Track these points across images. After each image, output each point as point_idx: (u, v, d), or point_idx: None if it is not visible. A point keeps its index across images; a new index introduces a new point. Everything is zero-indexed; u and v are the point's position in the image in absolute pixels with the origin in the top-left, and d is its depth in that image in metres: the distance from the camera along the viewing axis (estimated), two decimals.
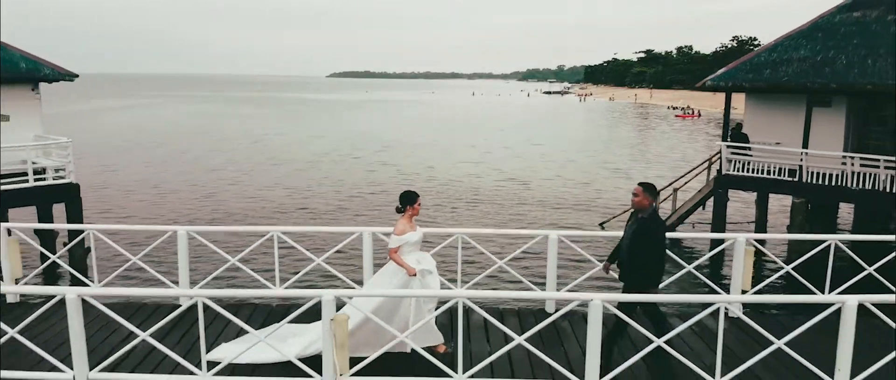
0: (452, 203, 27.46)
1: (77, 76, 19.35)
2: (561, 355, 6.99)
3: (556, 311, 7.20)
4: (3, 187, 16.31)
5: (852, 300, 5.93)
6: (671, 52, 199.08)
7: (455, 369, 6.20)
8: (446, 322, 7.81)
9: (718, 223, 20.18)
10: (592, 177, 35.44)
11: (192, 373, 6.17)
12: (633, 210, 6.79)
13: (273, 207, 26.19)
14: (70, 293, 5.99)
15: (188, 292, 6.15)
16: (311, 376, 6.06)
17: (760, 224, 20.82)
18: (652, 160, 43.01)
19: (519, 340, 6.16)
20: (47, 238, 16.39)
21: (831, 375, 6.04)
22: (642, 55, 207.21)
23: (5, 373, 6.30)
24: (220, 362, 6.31)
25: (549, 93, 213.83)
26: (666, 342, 6.17)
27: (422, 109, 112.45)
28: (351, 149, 47.56)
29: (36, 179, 17.05)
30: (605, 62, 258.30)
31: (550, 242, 8.39)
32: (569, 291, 8.60)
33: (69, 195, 17.46)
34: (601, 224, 23.64)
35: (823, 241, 8.57)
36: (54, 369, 6.25)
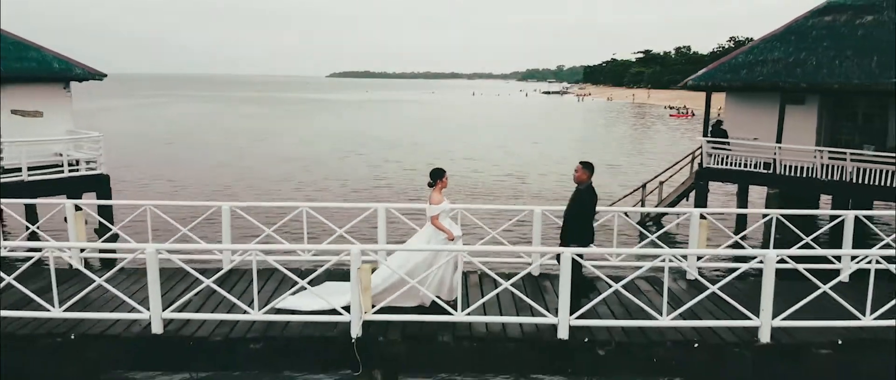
0: (453, 196, 28.94)
1: (105, 76, 20.89)
2: (541, 302, 8.51)
3: (539, 274, 8.73)
4: (40, 177, 17.84)
5: (772, 254, 7.47)
6: (669, 52, 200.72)
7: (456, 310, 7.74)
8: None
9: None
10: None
11: (245, 313, 7.69)
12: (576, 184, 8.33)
13: (290, 195, 27.76)
14: (149, 248, 7.51)
15: (242, 246, 7.68)
16: (341, 315, 7.57)
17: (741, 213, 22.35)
18: (645, 156, 44.54)
19: (505, 284, 7.71)
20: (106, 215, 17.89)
21: (757, 314, 7.58)
22: (641, 56, 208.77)
23: (95, 315, 7.82)
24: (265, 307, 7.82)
25: (548, 93, 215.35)
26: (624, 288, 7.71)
27: (422, 108, 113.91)
28: (355, 146, 49.09)
29: (70, 171, 18.58)
30: (603, 62, 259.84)
31: (535, 215, 9.92)
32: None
33: (100, 185, 18.98)
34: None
35: (767, 214, 10.10)
36: (133, 310, 7.77)
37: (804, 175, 19.86)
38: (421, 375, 8.71)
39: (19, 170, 17.68)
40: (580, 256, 7.73)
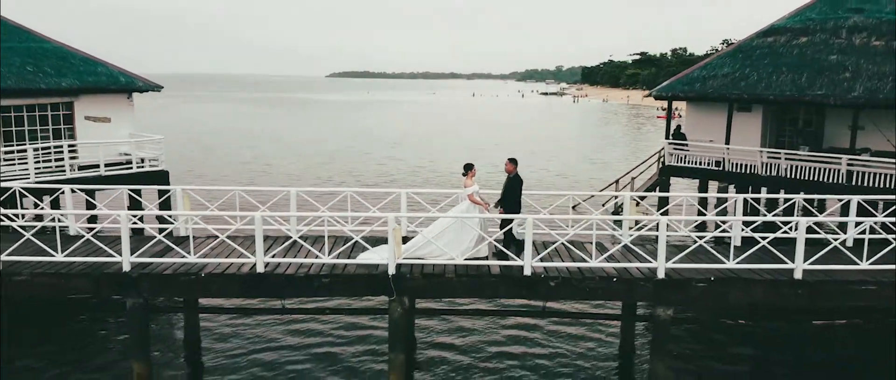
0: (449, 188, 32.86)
1: (162, 87, 24.77)
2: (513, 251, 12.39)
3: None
4: (114, 172, 21.70)
5: (663, 220, 11.35)
6: (666, 54, 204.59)
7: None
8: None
9: (662, 202, 25.55)
10: (573, 170, 40.92)
11: (317, 258, 11.57)
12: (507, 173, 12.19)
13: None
14: (257, 215, 11.39)
15: (314, 214, 11.60)
16: (382, 261, 11.43)
17: (702, 204, 26.21)
18: (628, 154, 48.45)
19: (489, 239, 11.61)
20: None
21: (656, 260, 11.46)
22: (637, 57, 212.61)
23: (217, 260, 11.69)
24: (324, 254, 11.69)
25: (545, 94, 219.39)
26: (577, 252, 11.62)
27: (425, 109, 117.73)
28: (362, 146, 53.00)
29: (137, 167, 22.45)
30: (601, 64, 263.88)
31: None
32: None
33: (161, 179, 22.81)
34: (573, 207, 29.00)
35: (679, 196, 14.01)
36: (242, 255, 11.65)
37: (748, 172, 23.75)
38: (433, 298, 12.59)
39: (97, 166, 21.57)
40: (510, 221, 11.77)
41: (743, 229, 13.21)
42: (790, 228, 12.87)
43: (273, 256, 11.76)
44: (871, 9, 24.09)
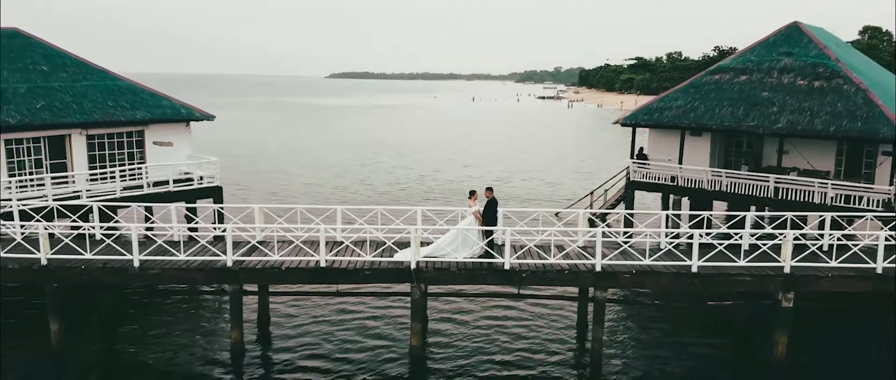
0: (452, 197, 38.11)
1: (214, 117, 29.96)
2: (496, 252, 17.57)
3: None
4: (180, 188, 26.86)
5: (599, 231, 16.54)
6: (661, 57, 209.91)
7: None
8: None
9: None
10: (560, 178, 46.14)
11: (361, 255, 16.75)
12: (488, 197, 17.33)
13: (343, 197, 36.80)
14: (322, 226, 16.56)
15: (361, 226, 16.81)
16: (407, 259, 16.57)
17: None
18: (619, 162, 53.64)
19: (481, 244, 16.84)
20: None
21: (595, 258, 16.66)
22: (632, 62, 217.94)
23: (292, 258, 16.87)
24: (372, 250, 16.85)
25: (542, 97, 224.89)
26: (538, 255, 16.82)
27: (427, 116, 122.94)
28: (372, 155, 58.20)
29: (197, 183, 27.58)
30: (598, 67, 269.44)
31: (500, 214, 18.96)
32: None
33: (217, 193, 27.93)
34: (556, 213, 34.23)
35: (618, 212, 19.18)
36: (308, 254, 16.82)
37: (697, 187, 28.93)
38: (442, 284, 17.75)
39: (165, 182, 26.74)
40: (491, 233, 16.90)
41: (666, 235, 18.44)
42: (690, 236, 18.04)
43: (329, 255, 16.94)
44: (799, 52, 29.29)
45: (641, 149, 31.68)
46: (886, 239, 17.02)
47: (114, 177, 25.56)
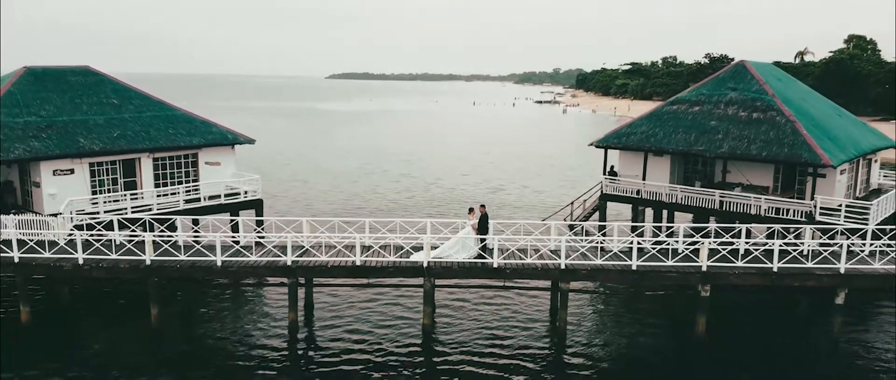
0: (454, 205, 43.92)
1: (254, 141, 35.76)
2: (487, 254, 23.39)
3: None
4: (228, 201, 32.63)
5: (563, 238, 22.34)
6: (657, 62, 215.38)
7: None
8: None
9: (602, 221, 36.57)
10: (550, 186, 51.97)
11: (385, 256, 22.55)
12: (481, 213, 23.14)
13: (361, 206, 42.58)
14: (358, 235, 22.36)
15: (385, 234, 22.66)
16: (421, 259, 22.35)
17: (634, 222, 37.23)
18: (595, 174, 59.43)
19: (476, 248, 22.70)
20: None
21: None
22: (627, 67, 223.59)
23: (342, 259, 22.68)
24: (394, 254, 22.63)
25: (539, 102, 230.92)
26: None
27: (428, 121, 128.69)
28: (379, 162, 63.98)
29: (242, 197, 33.33)
30: (594, 71, 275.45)
31: (492, 224, 24.78)
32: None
33: (258, 205, 33.68)
34: (543, 219, 40.01)
35: (586, 224, 25.03)
36: (346, 255, 22.62)
37: (658, 199, 34.73)
38: (447, 278, 23.53)
39: (217, 196, 32.51)
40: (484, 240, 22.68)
41: (621, 241, 24.26)
42: (633, 241, 23.85)
43: (362, 256, 22.76)
44: (743, 87, 35.10)
45: (613, 166, 37.49)
46: (783, 245, 22.88)
47: (176, 193, 31.36)
